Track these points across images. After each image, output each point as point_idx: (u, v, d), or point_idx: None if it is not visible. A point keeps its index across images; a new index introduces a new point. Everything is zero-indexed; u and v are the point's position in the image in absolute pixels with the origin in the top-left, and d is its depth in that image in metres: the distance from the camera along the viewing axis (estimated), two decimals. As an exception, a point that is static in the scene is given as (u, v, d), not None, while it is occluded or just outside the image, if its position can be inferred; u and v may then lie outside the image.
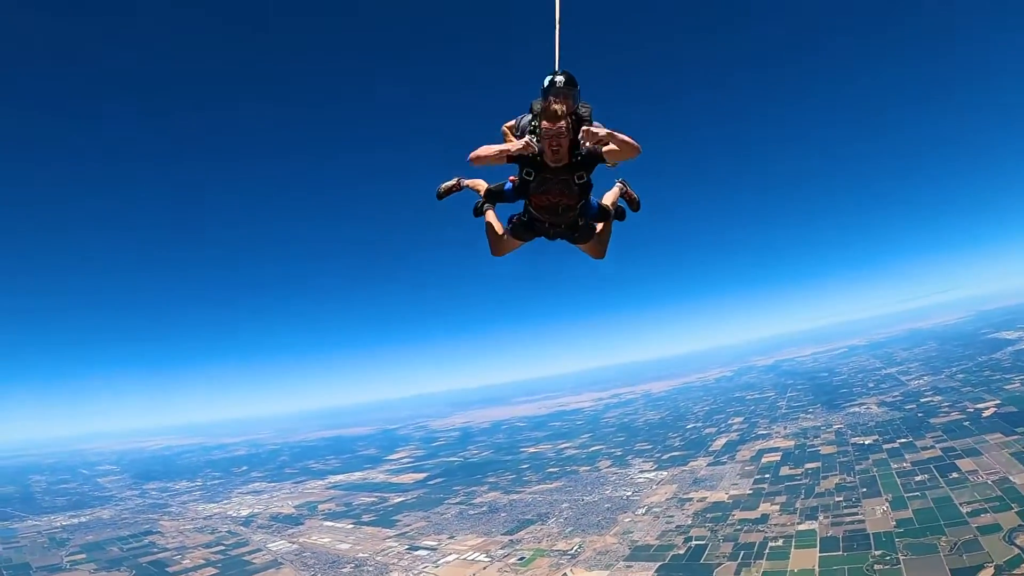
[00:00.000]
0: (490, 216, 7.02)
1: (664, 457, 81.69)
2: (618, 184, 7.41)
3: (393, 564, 53.70)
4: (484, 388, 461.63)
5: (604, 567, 46.21)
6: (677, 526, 52.01)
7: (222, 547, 64.02)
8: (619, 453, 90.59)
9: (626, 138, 5.62)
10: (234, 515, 79.11)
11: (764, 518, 49.36)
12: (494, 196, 6.77)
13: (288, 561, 57.40)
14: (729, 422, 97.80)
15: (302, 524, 71.93)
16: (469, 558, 52.89)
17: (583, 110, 6.09)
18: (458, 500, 75.66)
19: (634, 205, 7.44)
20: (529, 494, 73.54)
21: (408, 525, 66.59)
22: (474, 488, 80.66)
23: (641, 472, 75.86)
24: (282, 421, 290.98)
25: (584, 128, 5.66)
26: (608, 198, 7.16)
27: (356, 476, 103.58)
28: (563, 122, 5.64)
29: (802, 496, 52.44)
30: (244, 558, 59.87)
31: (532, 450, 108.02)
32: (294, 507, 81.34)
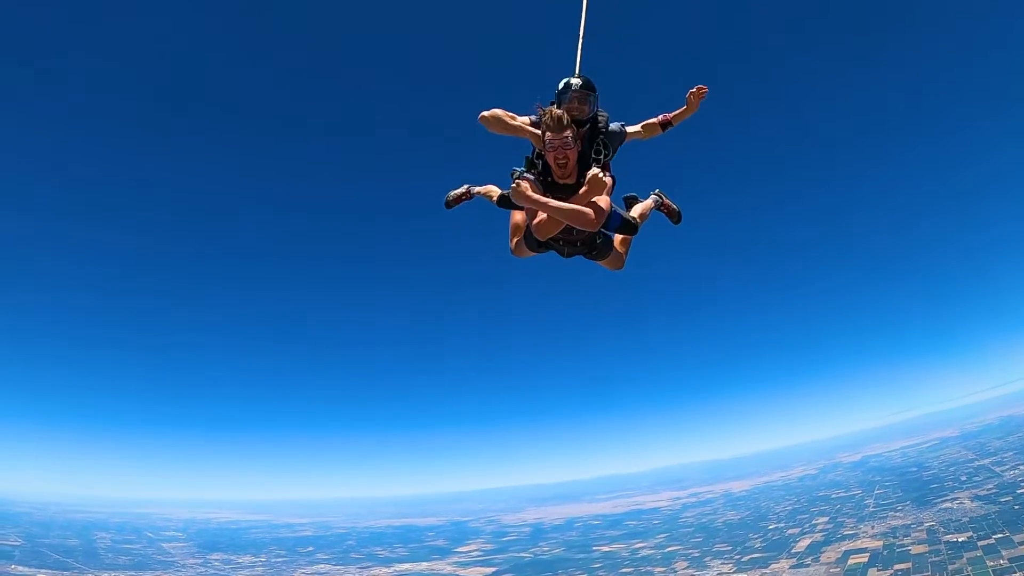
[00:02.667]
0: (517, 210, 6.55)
1: (744, 559, 78.60)
2: (653, 196, 6.80)
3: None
4: (559, 484, 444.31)
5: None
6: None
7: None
8: (696, 554, 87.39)
9: (589, 211, 5.18)
10: (295, 595, 79.87)
11: (851, 621, 48.18)
12: (508, 202, 6.22)
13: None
14: (813, 522, 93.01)
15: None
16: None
17: (600, 118, 5.73)
18: (527, 598, 75.52)
19: (674, 217, 6.91)
20: (602, 594, 72.72)
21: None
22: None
23: (719, 574, 73.73)
24: (352, 506, 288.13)
25: (593, 173, 5.26)
26: (638, 210, 6.49)
27: (423, 566, 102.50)
28: (568, 132, 5.15)
29: (891, 598, 50.87)
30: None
31: (605, 549, 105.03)
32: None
